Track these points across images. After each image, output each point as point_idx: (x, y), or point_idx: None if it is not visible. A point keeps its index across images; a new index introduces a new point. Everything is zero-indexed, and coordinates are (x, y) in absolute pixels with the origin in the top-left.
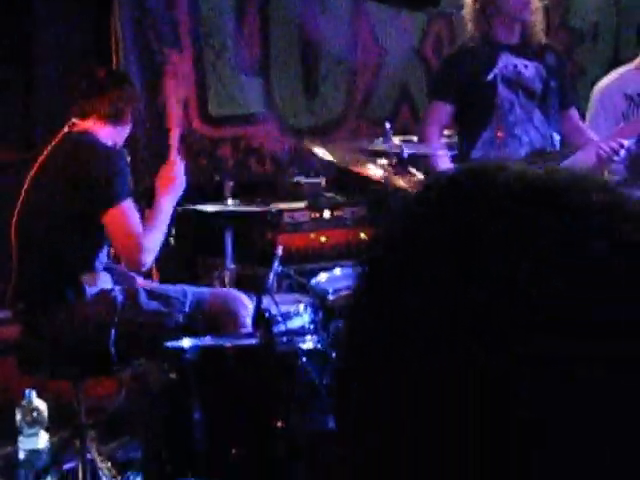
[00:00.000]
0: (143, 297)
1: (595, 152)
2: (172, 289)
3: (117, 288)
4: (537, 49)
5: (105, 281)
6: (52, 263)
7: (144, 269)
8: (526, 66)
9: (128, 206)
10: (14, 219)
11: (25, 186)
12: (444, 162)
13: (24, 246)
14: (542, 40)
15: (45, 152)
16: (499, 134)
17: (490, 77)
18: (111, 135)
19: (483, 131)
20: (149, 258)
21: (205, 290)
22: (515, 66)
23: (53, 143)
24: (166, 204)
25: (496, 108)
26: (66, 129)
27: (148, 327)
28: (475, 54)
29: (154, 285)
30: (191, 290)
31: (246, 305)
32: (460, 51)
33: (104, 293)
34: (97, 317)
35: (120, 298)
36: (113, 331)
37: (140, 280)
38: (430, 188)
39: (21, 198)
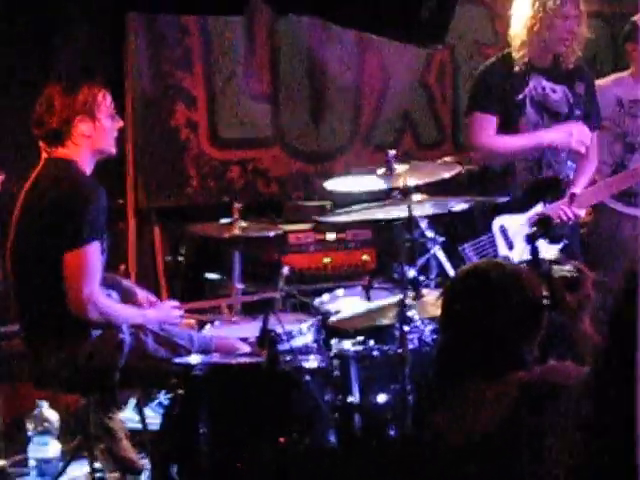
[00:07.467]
0: (151, 342)
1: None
2: (179, 335)
3: (125, 330)
4: (568, 74)
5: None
6: (48, 300)
7: (86, 317)
8: (554, 90)
9: (92, 251)
10: (7, 251)
11: (15, 217)
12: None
13: (20, 279)
14: (573, 65)
15: (30, 179)
16: None
17: (520, 97)
18: (86, 153)
19: None
20: (94, 313)
21: (209, 337)
22: (544, 89)
23: (37, 170)
24: (143, 319)
25: (522, 128)
26: (45, 154)
27: (154, 372)
28: (509, 71)
29: (162, 330)
30: (197, 337)
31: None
32: (495, 66)
33: (111, 334)
34: (102, 358)
35: (127, 340)
36: (117, 373)
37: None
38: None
39: (12, 227)
